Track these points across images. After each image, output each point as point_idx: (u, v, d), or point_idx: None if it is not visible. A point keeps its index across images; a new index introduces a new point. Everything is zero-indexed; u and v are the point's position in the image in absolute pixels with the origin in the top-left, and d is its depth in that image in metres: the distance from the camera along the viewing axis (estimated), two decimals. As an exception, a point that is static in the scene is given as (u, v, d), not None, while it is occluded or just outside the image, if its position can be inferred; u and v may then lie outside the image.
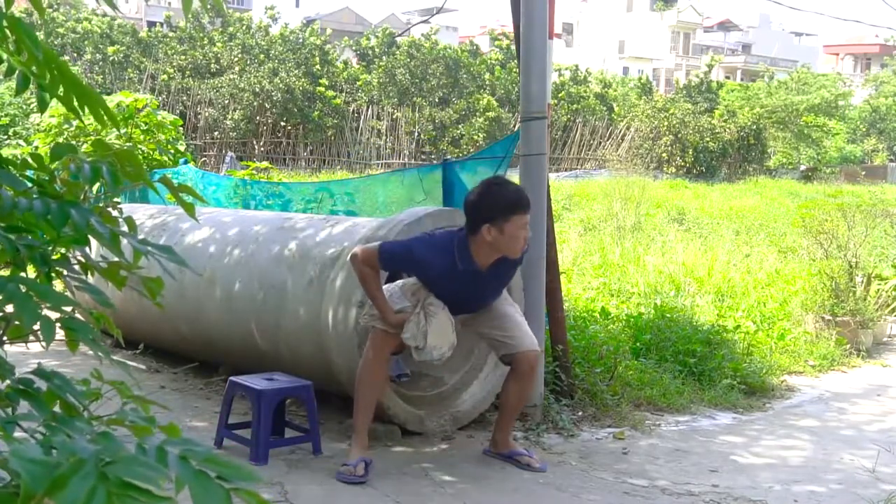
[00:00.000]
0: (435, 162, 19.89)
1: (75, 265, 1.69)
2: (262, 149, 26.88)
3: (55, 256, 1.63)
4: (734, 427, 5.20)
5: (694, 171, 30.07)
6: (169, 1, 54.18)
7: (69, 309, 1.53)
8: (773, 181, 27.89)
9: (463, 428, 4.67)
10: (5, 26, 1.45)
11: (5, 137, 12.74)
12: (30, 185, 1.60)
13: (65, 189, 1.66)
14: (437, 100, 30.42)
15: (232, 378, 4.31)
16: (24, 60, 1.54)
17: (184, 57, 28.08)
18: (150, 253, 1.56)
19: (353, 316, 4.30)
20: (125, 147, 3.96)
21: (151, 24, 40.03)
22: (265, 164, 12.43)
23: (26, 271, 1.54)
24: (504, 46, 33.36)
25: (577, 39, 64.90)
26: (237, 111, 26.41)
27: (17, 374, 1.52)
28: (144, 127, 8.75)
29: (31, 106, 14.20)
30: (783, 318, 7.44)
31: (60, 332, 1.52)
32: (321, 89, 28.29)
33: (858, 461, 4.55)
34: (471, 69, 31.55)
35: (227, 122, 26.21)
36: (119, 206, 2.10)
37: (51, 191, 1.61)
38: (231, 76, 27.33)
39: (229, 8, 33.62)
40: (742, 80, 56.17)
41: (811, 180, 30.61)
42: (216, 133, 26.36)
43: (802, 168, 34.41)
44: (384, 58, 31.32)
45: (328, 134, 28.27)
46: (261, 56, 29.07)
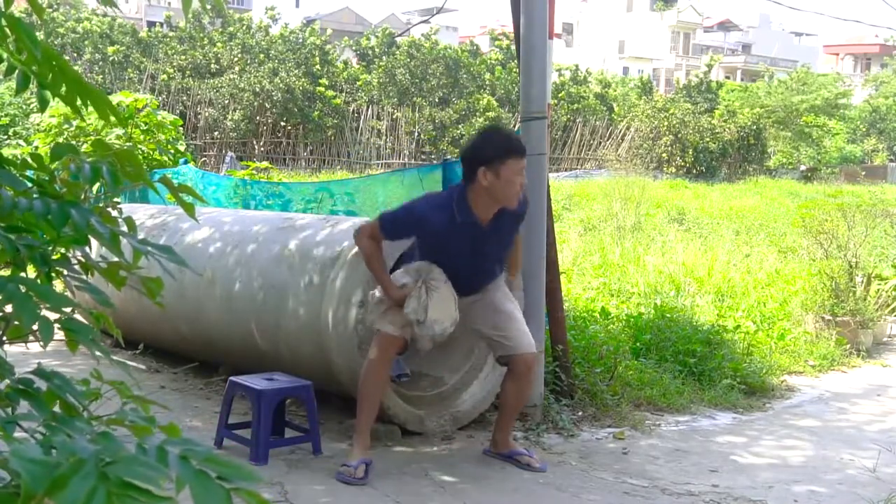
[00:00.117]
0: (435, 162, 19.91)
1: (75, 265, 1.69)
2: (262, 149, 26.88)
3: (55, 256, 1.63)
4: (734, 427, 5.20)
5: (694, 171, 30.06)
6: (169, 1, 54.18)
7: (69, 309, 1.53)
8: (773, 181, 27.89)
9: (463, 428, 4.67)
10: (4, 26, 1.45)
11: (5, 137, 12.74)
12: (30, 185, 1.60)
13: (65, 189, 1.66)
14: (437, 100, 30.42)
15: (232, 378, 4.32)
16: (24, 59, 1.54)
17: (184, 57, 28.07)
18: (150, 253, 1.56)
19: (353, 316, 4.30)
20: (125, 147, 3.96)
21: (151, 24, 40.04)
22: (265, 164, 12.44)
23: (26, 271, 1.54)
24: (504, 46, 33.36)
25: (577, 39, 64.91)
26: (237, 111, 26.41)
27: (18, 374, 1.52)
28: (144, 127, 8.75)
29: (31, 106, 14.20)
30: (783, 318, 7.44)
31: (60, 333, 1.52)
32: (321, 89, 28.29)
33: (858, 461, 4.55)
34: (471, 69, 31.55)
35: (227, 122, 26.21)
36: (119, 207, 2.10)
37: (51, 191, 1.60)
38: (231, 76, 27.33)
39: (229, 8, 33.60)
40: (742, 80, 56.18)
41: (811, 180, 30.61)
42: (216, 133, 26.36)
43: (802, 168, 34.39)
44: (384, 58, 31.33)
45: (328, 134, 28.27)
46: (261, 56, 29.07)
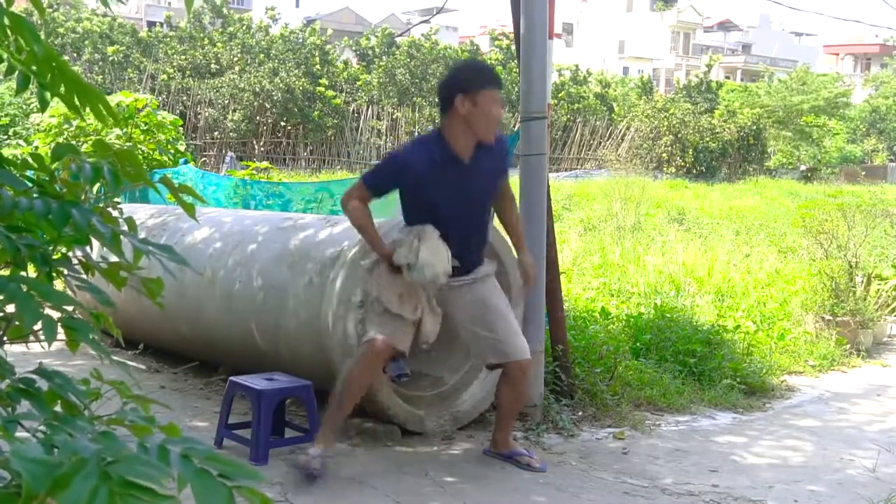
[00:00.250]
0: (435, 162, 19.88)
1: (76, 265, 1.69)
2: (262, 149, 26.88)
3: (56, 256, 1.63)
4: (734, 427, 5.20)
5: (694, 171, 30.06)
6: (169, 1, 54.18)
7: (70, 308, 1.53)
8: (773, 181, 27.89)
9: (463, 428, 4.67)
10: (6, 25, 1.45)
11: (5, 137, 12.74)
12: (30, 185, 1.60)
13: (65, 189, 1.66)
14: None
15: (232, 378, 4.31)
16: (24, 59, 1.54)
17: (184, 57, 28.07)
18: (151, 252, 1.56)
19: (353, 316, 4.30)
20: (125, 147, 3.96)
21: (151, 24, 40.04)
22: (265, 164, 12.44)
23: (27, 271, 1.54)
24: (504, 46, 33.34)
25: (577, 39, 64.89)
26: (237, 111, 26.41)
27: (18, 374, 1.52)
28: (144, 127, 8.75)
29: (31, 106, 14.20)
30: (783, 318, 7.44)
31: (61, 333, 1.52)
32: (321, 89, 28.29)
33: (858, 461, 4.55)
34: (471, 69, 31.48)
35: (227, 122, 26.20)
36: (119, 207, 2.10)
37: (51, 191, 1.61)
38: (231, 76, 27.32)
39: (229, 8, 33.57)
40: (742, 80, 56.17)
41: (811, 180, 30.61)
42: (216, 133, 26.35)
43: (802, 168, 34.38)
44: (384, 58, 31.32)
45: (328, 134, 28.27)
46: (261, 56, 29.07)
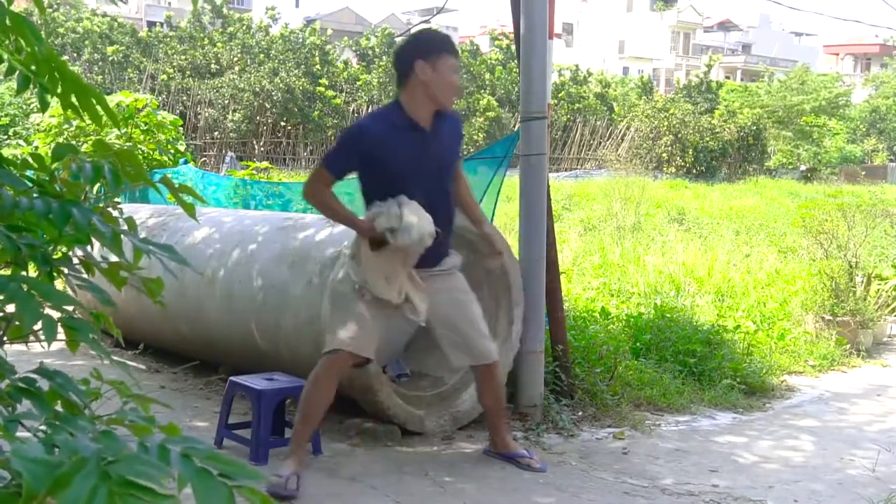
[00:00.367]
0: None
1: (77, 264, 1.69)
2: (262, 149, 26.87)
3: (56, 256, 1.63)
4: (734, 427, 5.20)
5: (694, 171, 30.05)
6: (169, 1, 54.17)
7: (70, 308, 1.53)
8: (773, 181, 27.89)
9: (463, 428, 4.67)
10: (7, 24, 1.45)
11: (5, 137, 12.73)
12: (30, 185, 1.60)
13: (65, 189, 1.66)
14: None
15: (232, 378, 4.31)
16: (24, 60, 1.54)
17: (184, 57, 28.06)
18: (151, 252, 1.56)
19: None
20: (125, 147, 3.96)
21: (151, 24, 40.03)
22: (265, 164, 12.44)
23: (28, 270, 1.54)
24: (504, 46, 33.35)
25: (577, 39, 64.89)
26: (237, 111, 26.41)
27: (19, 374, 1.52)
28: (144, 127, 8.75)
29: (31, 106, 14.19)
30: (783, 318, 7.44)
31: (61, 333, 1.52)
32: (321, 89, 28.28)
33: (858, 461, 4.55)
34: (471, 69, 31.54)
35: (227, 122, 26.20)
36: (119, 207, 2.10)
37: (51, 191, 1.61)
38: (231, 76, 27.32)
39: (230, 8, 33.58)
40: (742, 80, 56.17)
41: (811, 180, 30.61)
42: (216, 133, 26.35)
43: (802, 168, 34.39)
44: (384, 58, 31.31)
45: (328, 134, 28.25)
46: (261, 56, 29.07)
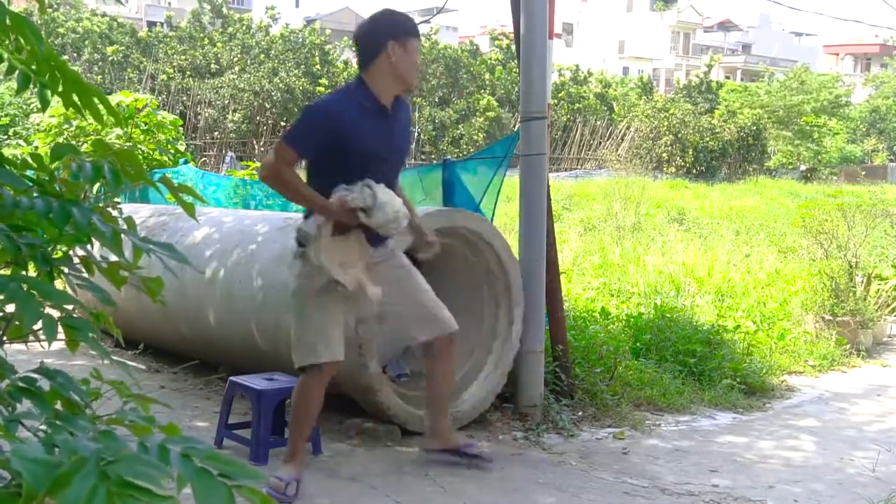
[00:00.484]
0: (435, 162, 19.91)
1: (77, 264, 1.69)
2: (262, 149, 26.84)
3: (56, 255, 1.63)
4: (734, 427, 5.20)
5: (694, 171, 30.04)
6: (169, 1, 54.17)
7: (70, 308, 1.53)
8: (773, 181, 27.87)
9: (463, 428, 4.67)
10: (7, 24, 1.45)
11: (5, 137, 12.73)
12: (30, 184, 1.60)
13: (65, 189, 1.66)
14: (437, 100, 30.40)
15: (232, 378, 4.31)
16: (24, 59, 1.54)
17: (184, 57, 28.06)
18: (151, 251, 1.56)
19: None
20: (125, 147, 3.95)
21: (151, 24, 40.03)
22: (265, 164, 12.41)
23: (28, 270, 1.54)
24: (504, 46, 33.34)
25: (577, 39, 64.88)
26: (237, 111, 26.40)
27: (19, 373, 1.52)
28: (144, 127, 8.75)
29: (32, 106, 14.19)
30: (783, 318, 7.44)
31: (61, 332, 1.52)
32: (321, 89, 28.26)
33: (858, 461, 4.55)
34: (471, 69, 31.54)
35: (227, 122, 26.19)
36: (119, 206, 2.10)
37: (51, 190, 1.61)
38: (231, 76, 27.32)
39: (229, 8, 33.57)
40: (742, 80, 56.15)
41: (811, 180, 30.61)
42: (216, 133, 26.34)
43: (802, 168, 34.38)
44: (384, 58, 31.26)
45: (328, 134, 28.21)
46: (261, 56, 29.06)
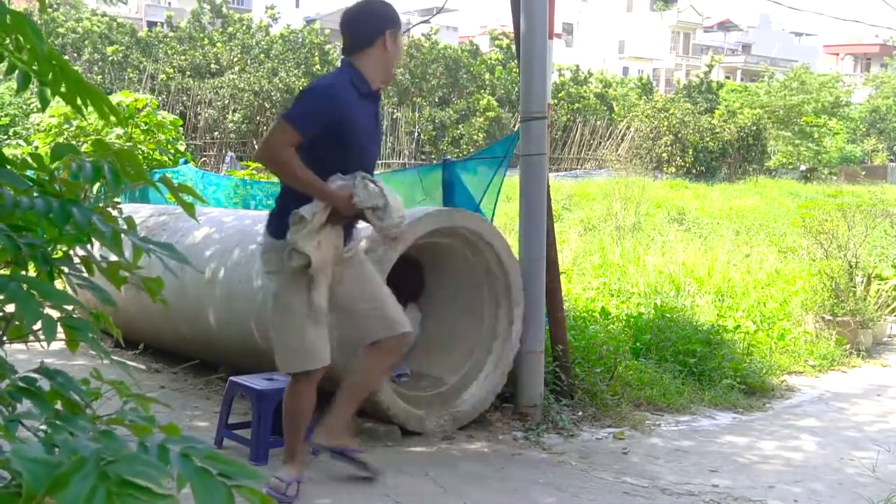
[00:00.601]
0: (435, 162, 19.90)
1: (77, 264, 1.69)
2: (261, 149, 26.83)
3: (56, 255, 1.63)
4: (734, 427, 5.20)
5: (694, 171, 30.03)
6: (169, 1, 54.17)
7: (70, 308, 1.53)
8: (773, 181, 27.87)
9: (463, 428, 4.67)
10: (7, 23, 1.45)
11: (5, 137, 12.73)
12: (30, 184, 1.60)
13: (65, 189, 1.66)
14: (437, 100, 30.41)
15: (232, 378, 4.31)
16: (25, 58, 1.54)
17: (184, 57, 28.05)
18: (151, 250, 1.56)
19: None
20: (125, 147, 3.95)
21: (151, 24, 40.02)
22: (265, 164, 12.41)
23: (27, 270, 1.54)
24: (504, 46, 33.34)
25: (577, 39, 64.86)
26: (237, 111, 26.40)
27: (19, 373, 1.52)
28: (144, 127, 8.75)
29: (32, 106, 14.19)
30: (783, 318, 7.45)
31: (61, 332, 1.51)
32: (321, 89, 28.24)
33: (858, 461, 4.55)
34: (471, 69, 31.54)
35: (227, 122, 26.19)
36: (119, 206, 2.10)
37: (51, 190, 1.61)
38: (231, 76, 27.31)
39: (229, 8, 33.57)
40: (742, 80, 56.14)
41: (811, 180, 30.61)
42: (216, 133, 26.33)
43: (802, 168, 34.38)
44: (384, 58, 31.26)
45: (328, 134, 28.20)
46: (261, 56, 29.07)
